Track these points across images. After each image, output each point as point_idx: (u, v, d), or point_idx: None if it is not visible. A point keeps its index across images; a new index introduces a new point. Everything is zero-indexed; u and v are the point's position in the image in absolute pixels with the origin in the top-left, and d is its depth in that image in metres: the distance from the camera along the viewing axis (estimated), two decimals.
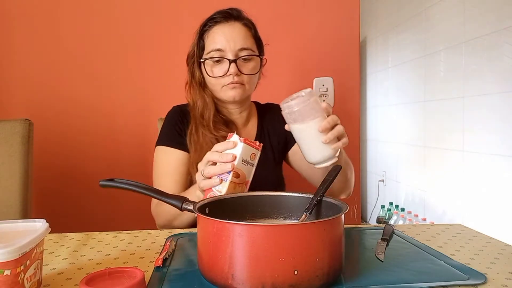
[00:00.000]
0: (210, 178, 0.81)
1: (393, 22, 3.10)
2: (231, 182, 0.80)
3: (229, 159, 0.80)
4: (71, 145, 1.67)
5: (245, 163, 0.81)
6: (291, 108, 0.82)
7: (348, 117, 1.79)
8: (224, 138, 1.07)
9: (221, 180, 0.80)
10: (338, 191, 1.11)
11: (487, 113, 1.98)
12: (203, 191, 0.84)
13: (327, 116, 0.82)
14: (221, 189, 0.80)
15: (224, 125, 1.12)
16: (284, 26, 1.74)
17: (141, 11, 1.69)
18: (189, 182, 1.09)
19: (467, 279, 0.59)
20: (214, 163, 0.82)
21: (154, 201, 1.10)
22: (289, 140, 1.20)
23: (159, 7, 1.70)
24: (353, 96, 1.80)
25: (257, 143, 0.83)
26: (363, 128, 3.69)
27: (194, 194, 0.91)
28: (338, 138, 0.83)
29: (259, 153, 0.83)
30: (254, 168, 0.84)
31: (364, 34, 3.60)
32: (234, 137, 0.82)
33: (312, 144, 0.83)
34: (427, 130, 2.61)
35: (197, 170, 1.03)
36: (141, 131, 1.69)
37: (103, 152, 1.68)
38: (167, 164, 1.09)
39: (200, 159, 1.05)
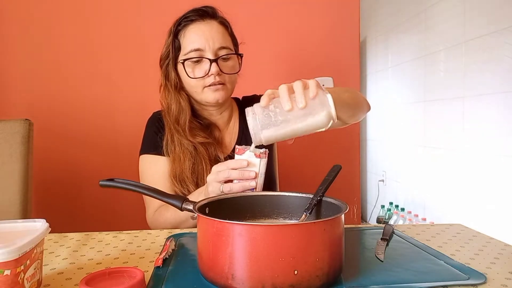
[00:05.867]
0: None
1: (393, 22, 3.10)
2: None
3: (252, 176, 0.80)
4: (71, 145, 1.67)
5: (261, 175, 0.83)
6: (256, 135, 0.72)
7: None
8: (202, 144, 1.05)
9: None
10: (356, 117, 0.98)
11: (487, 113, 1.98)
12: None
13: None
14: None
15: (202, 130, 1.08)
16: (284, 26, 1.74)
17: (141, 11, 1.69)
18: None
19: (467, 279, 0.59)
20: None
21: (150, 211, 1.07)
22: None
23: (160, 7, 1.70)
24: None
25: (266, 151, 0.82)
26: (363, 128, 3.69)
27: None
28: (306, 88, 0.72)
29: (266, 159, 0.84)
30: (264, 175, 0.84)
31: (364, 34, 3.60)
32: (247, 155, 0.82)
33: (303, 122, 0.71)
34: (427, 130, 2.61)
35: (180, 183, 1.02)
36: (141, 131, 1.68)
37: (103, 152, 1.68)
38: (154, 173, 1.07)
39: (178, 169, 1.03)
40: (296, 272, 0.54)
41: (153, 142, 1.10)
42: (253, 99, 1.22)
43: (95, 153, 1.68)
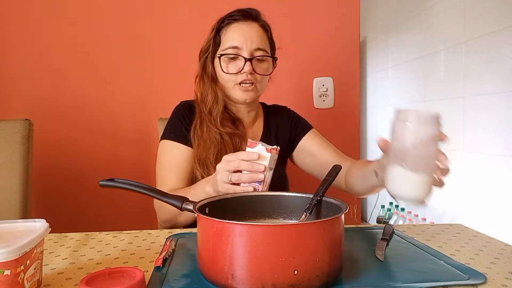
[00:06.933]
0: (237, 184, 0.83)
1: (393, 22, 3.10)
2: (261, 190, 0.83)
3: (261, 169, 0.82)
4: (71, 145, 1.67)
5: (270, 170, 0.84)
6: (402, 140, 0.67)
7: (348, 117, 1.79)
8: (229, 134, 1.08)
9: (254, 189, 0.82)
10: (361, 194, 1.08)
11: (487, 113, 1.98)
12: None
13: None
14: None
15: (231, 122, 1.11)
16: (284, 26, 1.74)
17: (142, 11, 1.69)
18: (192, 178, 1.09)
19: (467, 279, 0.59)
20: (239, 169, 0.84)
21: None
22: (293, 140, 1.21)
23: (160, 7, 1.70)
24: (353, 96, 1.80)
25: (277, 148, 0.85)
26: (363, 128, 3.69)
27: (203, 190, 0.91)
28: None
29: (277, 156, 0.86)
30: (272, 171, 0.87)
31: (364, 34, 3.60)
32: (259, 148, 0.84)
33: (410, 179, 0.68)
34: None
35: (203, 167, 1.05)
36: (141, 131, 1.70)
37: (103, 152, 1.68)
38: (171, 159, 1.09)
39: (203, 154, 1.05)
40: (296, 272, 0.54)
41: (176, 129, 1.12)
42: (283, 110, 1.27)
43: (95, 153, 1.68)
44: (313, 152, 1.17)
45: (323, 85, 1.76)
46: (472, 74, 2.09)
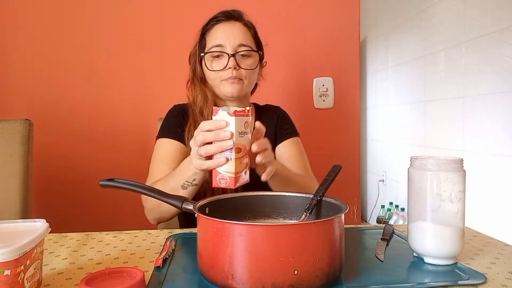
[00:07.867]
0: (210, 157, 0.77)
1: (393, 22, 3.10)
2: (236, 159, 0.75)
3: (227, 136, 0.74)
4: (71, 145, 1.67)
5: (241, 135, 0.77)
6: (424, 191, 0.64)
7: (348, 117, 1.79)
8: None
9: (227, 159, 0.75)
10: None
11: (487, 113, 1.98)
12: (209, 173, 0.82)
13: None
14: (229, 169, 0.75)
15: None
16: (284, 26, 1.74)
17: (141, 11, 1.69)
18: None
19: (467, 279, 0.59)
20: (209, 142, 0.78)
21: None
22: (276, 139, 1.19)
23: (160, 7, 1.70)
24: (353, 96, 1.80)
25: (246, 109, 0.78)
26: (363, 128, 3.69)
27: (188, 168, 0.88)
28: None
29: (250, 118, 0.79)
30: (250, 135, 0.80)
31: (364, 34, 3.60)
32: (220, 114, 0.76)
33: (441, 234, 0.65)
34: (427, 130, 2.61)
35: None
36: (141, 131, 1.69)
37: (103, 152, 1.68)
38: (165, 153, 1.10)
39: None
40: (296, 272, 0.54)
41: (169, 128, 1.13)
42: (274, 109, 1.26)
43: (95, 153, 1.68)
44: (283, 159, 1.15)
45: (323, 85, 1.76)
46: (472, 74, 2.09)
